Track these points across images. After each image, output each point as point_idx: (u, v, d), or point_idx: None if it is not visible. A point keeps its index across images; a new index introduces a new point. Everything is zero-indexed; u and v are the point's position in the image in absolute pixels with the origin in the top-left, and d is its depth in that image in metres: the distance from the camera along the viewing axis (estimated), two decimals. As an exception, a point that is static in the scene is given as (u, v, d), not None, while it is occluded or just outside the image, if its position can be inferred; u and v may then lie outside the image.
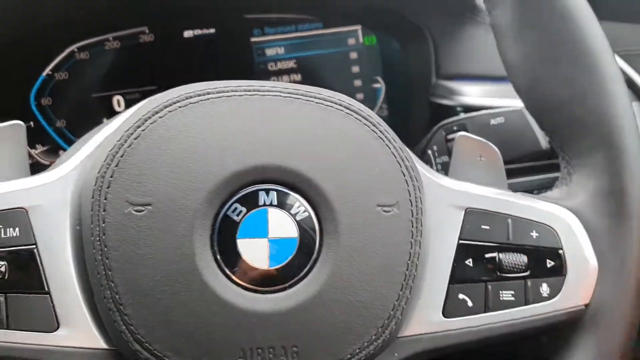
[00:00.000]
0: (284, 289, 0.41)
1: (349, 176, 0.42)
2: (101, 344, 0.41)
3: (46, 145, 0.78)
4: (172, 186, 0.40)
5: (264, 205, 0.41)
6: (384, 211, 0.42)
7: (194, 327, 0.40)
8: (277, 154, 0.41)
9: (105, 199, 0.39)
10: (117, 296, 0.39)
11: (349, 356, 0.42)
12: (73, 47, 0.77)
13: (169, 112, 0.41)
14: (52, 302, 0.41)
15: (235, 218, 0.41)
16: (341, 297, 0.41)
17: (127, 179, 0.40)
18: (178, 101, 0.41)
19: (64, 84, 0.78)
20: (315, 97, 0.43)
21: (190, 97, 0.42)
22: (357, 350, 0.42)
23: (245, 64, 0.81)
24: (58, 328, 0.41)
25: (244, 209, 0.41)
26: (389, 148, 0.43)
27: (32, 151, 0.76)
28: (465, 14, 0.79)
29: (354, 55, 0.83)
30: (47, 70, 0.77)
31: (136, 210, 0.39)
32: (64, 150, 0.79)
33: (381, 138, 0.43)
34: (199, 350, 0.40)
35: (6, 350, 0.40)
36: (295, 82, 0.82)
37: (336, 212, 0.41)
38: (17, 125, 0.47)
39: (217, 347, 0.40)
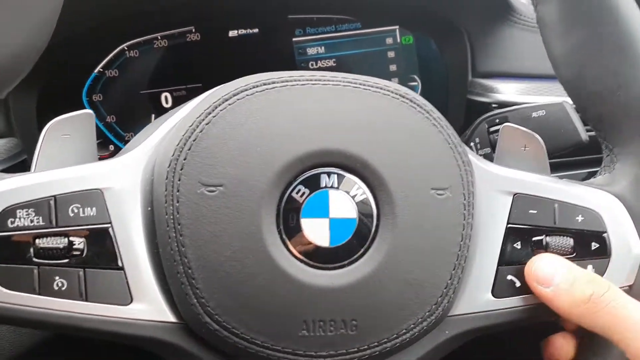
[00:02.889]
0: (344, 266, 0.43)
1: (405, 161, 0.44)
2: (170, 317, 0.44)
3: (97, 139, 0.81)
4: (241, 169, 0.42)
5: (325, 187, 0.43)
6: (438, 194, 0.45)
7: (261, 300, 0.42)
8: (338, 139, 0.44)
9: (179, 180, 0.42)
10: (189, 271, 0.42)
11: (403, 331, 0.44)
12: (123, 46, 0.80)
13: (238, 99, 0.44)
14: (126, 277, 0.43)
15: (299, 199, 0.43)
16: (397, 275, 0.44)
17: (199, 161, 0.42)
18: (245, 89, 0.44)
19: (114, 81, 0.81)
20: (372, 86, 0.46)
21: (257, 85, 0.44)
22: (412, 326, 0.44)
23: (287, 63, 0.83)
24: (132, 302, 0.43)
25: (307, 191, 0.43)
26: (443, 135, 0.46)
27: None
28: (501, 13, 0.82)
29: (391, 54, 0.86)
30: (99, 68, 0.80)
31: (208, 191, 0.42)
32: (114, 144, 0.82)
33: (435, 125, 0.46)
34: (264, 322, 0.43)
35: (84, 321, 0.43)
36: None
37: (393, 195, 0.44)
38: (87, 114, 0.50)
39: (282, 318, 0.43)
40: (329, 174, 0.44)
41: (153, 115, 0.81)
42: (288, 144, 0.43)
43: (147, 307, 0.44)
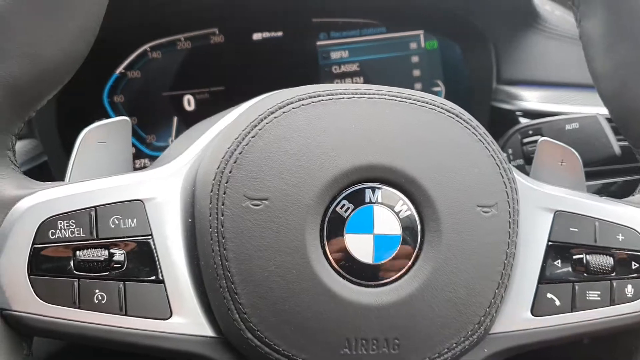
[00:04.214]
0: (387, 284, 0.43)
1: (450, 177, 0.44)
2: (209, 332, 0.43)
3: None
4: (286, 183, 0.42)
5: (370, 202, 0.43)
6: (483, 212, 0.44)
7: (303, 316, 0.41)
8: (383, 154, 0.43)
9: (225, 193, 0.41)
10: (232, 286, 0.41)
11: (445, 350, 0.44)
12: (146, 47, 0.79)
13: (283, 112, 0.43)
14: (166, 291, 0.42)
15: (343, 214, 0.42)
16: (441, 294, 0.43)
17: (245, 174, 0.42)
18: (291, 102, 0.43)
19: (136, 82, 0.80)
20: (418, 100, 0.45)
21: (303, 98, 0.43)
22: (454, 345, 0.44)
23: (310, 67, 0.83)
24: (171, 316, 0.42)
25: (351, 206, 0.42)
26: (489, 151, 0.45)
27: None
28: (527, 20, 0.81)
29: (415, 59, 0.85)
30: (120, 69, 0.80)
31: (253, 205, 0.41)
32: (135, 147, 0.81)
33: (481, 141, 0.45)
34: (307, 339, 0.42)
35: (123, 336, 0.42)
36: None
37: (438, 212, 0.43)
38: (124, 120, 0.49)
39: (324, 336, 0.42)
40: (373, 189, 0.43)
41: (175, 118, 0.81)
42: (333, 158, 0.42)
43: (187, 321, 0.43)
